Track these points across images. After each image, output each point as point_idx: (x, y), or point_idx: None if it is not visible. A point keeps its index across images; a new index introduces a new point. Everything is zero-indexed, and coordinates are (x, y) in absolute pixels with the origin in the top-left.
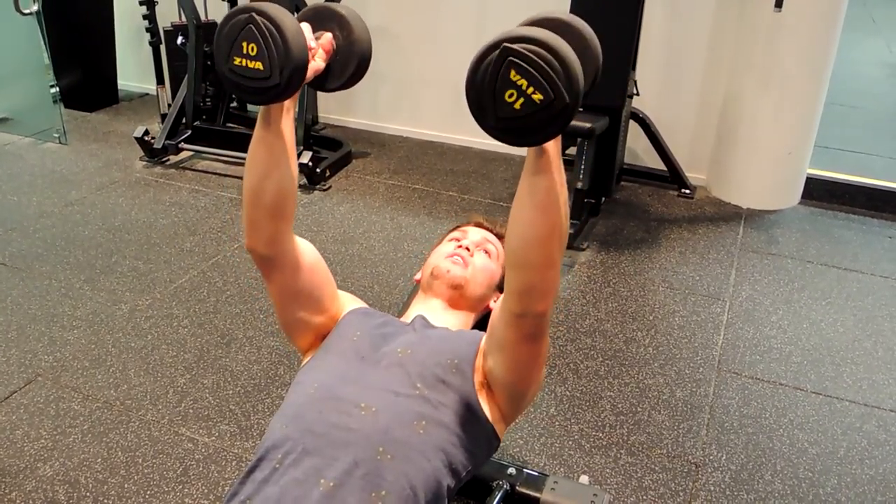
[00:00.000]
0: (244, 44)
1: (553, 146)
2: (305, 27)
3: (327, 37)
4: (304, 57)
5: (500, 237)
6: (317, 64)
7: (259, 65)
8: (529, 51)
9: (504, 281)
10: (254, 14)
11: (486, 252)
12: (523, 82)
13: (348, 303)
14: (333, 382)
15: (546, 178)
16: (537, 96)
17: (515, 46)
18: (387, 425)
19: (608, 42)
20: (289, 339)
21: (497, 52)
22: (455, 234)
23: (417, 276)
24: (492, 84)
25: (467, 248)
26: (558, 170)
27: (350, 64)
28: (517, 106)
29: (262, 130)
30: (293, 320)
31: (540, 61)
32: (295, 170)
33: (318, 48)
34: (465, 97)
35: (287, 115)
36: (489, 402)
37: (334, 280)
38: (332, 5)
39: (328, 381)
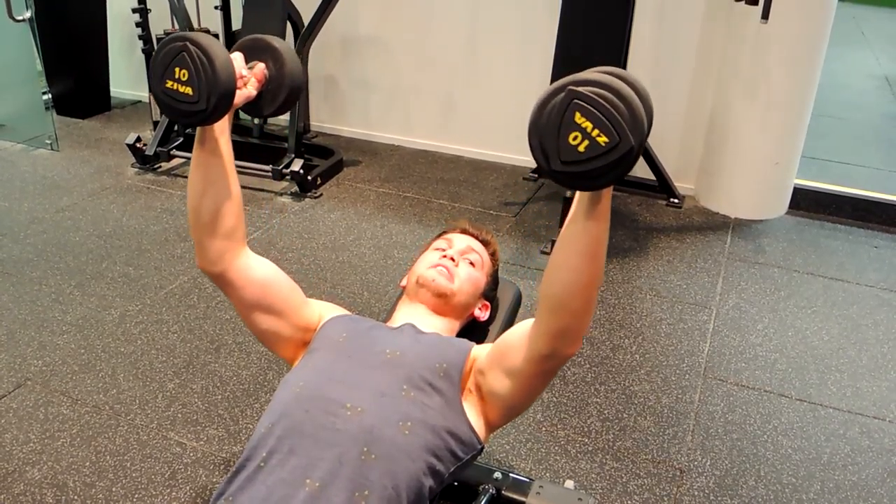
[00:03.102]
0: (177, 69)
1: (608, 192)
2: (239, 56)
3: (260, 66)
4: (231, 86)
5: (486, 243)
6: (248, 91)
7: (189, 90)
8: (595, 94)
9: (537, 321)
10: (188, 42)
11: (471, 262)
12: (588, 125)
13: (328, 311)
14: (320, 382)
15: (598, 225)
16: (602, 139)
17: (581, 89)
18: (372, 425)
19: (597, 52)
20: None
21: (562, 94)
22: (440, 242)
23: (403, 283)
24: (556, 127)
25: (452, 259)
26: (608, 217)
27: (281, 93)
28: (581, 149)
29: (197, 151)
30: (261, 332)
31: (606, 104)
32: (234, 189)
33: (250, 77)
34: (527, 144)
35: (221, 136)
36: (477, 408)
37: (324, 288)
38: (267, 38)
39: (315, 381)
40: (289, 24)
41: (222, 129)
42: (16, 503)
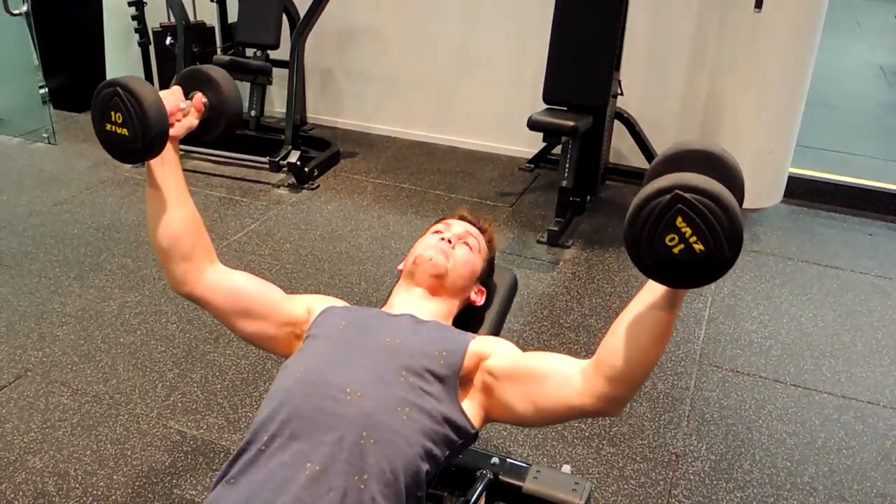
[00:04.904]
0: (112, 113)
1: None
2: (177, 90)
3: (198, 97)
4: (163, 123)
5: (483, 230)
6: (189, 121)
7: (125, 131)
8: (701, 202)
9: (588, 381)
10: (117, 87)
11: (468, 245)
12: (688, 230)
13: (320, 303)
14: (321, 367)
15: (671, 315)
16: (699, 246)
17: (688, 195)
18: (371, 410)
19: (593, 43)
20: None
21: (669, 196)
22: (438, 226)
23: (400, 266)
24: (655, 226)
25: (449, 241)
26: (681, 305)
27: (221, 119)
28: (676, 251)
29: (147, 185)
30: (248, 336)
31: (709, 214)
32: (184, 214)
33: (189, 108)
34: (622, 234)
35: (168, 167)
36: (478, 400)
37: (322, 279)
38: (205, 68)
39: (315, 366)
40: (284, 16)
41: (168, 160)
42: (17, 492)
